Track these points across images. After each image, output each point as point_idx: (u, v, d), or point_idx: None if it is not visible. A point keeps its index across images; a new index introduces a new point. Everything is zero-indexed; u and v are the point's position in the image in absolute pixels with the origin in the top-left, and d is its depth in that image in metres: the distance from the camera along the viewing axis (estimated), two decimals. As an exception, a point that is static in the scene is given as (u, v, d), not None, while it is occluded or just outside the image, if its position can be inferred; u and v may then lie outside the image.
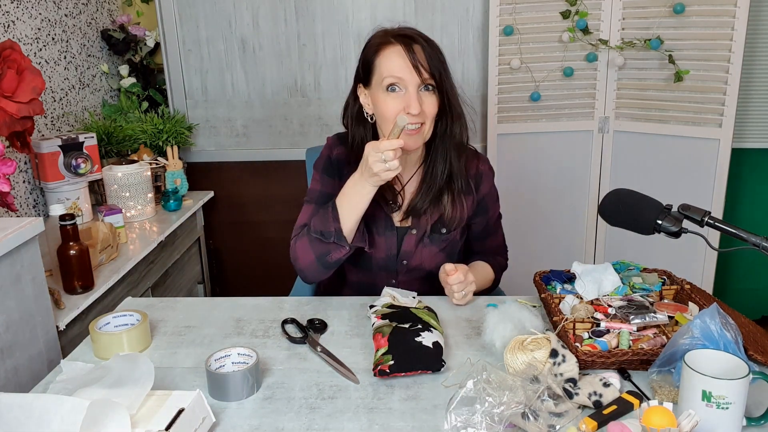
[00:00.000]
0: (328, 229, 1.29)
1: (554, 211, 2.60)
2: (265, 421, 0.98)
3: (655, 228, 1.08)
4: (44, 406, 0.82)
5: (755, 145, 2.70)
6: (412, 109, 1.26)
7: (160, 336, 1.27)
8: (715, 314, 0.99)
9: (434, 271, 1.43)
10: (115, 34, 2.60)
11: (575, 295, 1.25)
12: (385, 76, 1.28)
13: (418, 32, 1.32)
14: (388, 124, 1.29)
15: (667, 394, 0.99)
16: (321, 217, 1.31)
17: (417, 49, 1.28)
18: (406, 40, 1.29)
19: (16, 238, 1.30)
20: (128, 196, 2.16)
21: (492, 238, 1.56)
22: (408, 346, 1.09)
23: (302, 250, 1.33)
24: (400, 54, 1.27)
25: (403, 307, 1.23)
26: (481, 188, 1.46)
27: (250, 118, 2.74)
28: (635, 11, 2.33)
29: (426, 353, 1.09)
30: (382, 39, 1.31)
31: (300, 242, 1.34)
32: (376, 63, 1.31)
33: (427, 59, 1.28)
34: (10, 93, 1.48)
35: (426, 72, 1.27)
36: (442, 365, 1.09)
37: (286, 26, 2.61)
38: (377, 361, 1.09)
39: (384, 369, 1.07)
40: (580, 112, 2.49)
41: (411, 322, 1.17)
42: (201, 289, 2.59)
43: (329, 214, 1.29)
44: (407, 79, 1.27)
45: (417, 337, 1.11)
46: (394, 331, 1.14)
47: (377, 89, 1.31)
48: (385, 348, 1.10)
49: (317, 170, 1.44)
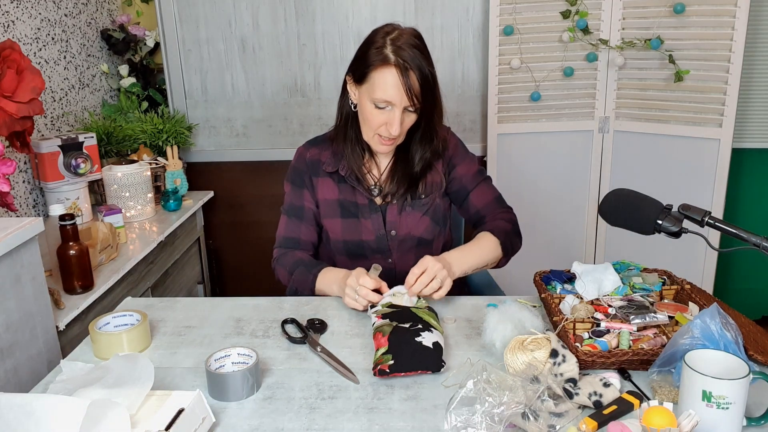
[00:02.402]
0: (302, 288, 1.45)
1: (554, 211, 2.60)
2: (265, 421, 0.98)
3: (656, 228, 1.08)
4: (44, 406, 0.82)
5: (755, 145, 2.70)
6: (393, 131, 1.35)
7: (160, 336, 1.27)
8: (716, 314, 0.99)
9: (425, 237, 1.50)
10: (115, 34, 2.60)
11: (575, 295, 1.25)
12: (377, 96, 1.33)
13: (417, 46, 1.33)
14: (369, 128, 1.40)
15: (667, 394, 0.99)
16: (303, 278, 1.45)
17: (412, 76, 1.31)
18: (403, 64, 1.31)
19: (15, 238, 1.30)
20: (128, 196, 2.16)
21: (478, 193, 1.53)
22: (408, 346, 1.10)
23: (281, 275, 1.52)
24: (395, 78, 1.31)
25: (403, 307, 1.23)
26: (448, 151, 1.52)
27: (250, 118, 2.74)
28: (635, 11, 2.33)
29: (426, 353, 1.09)
30: (380, 56, 1.32)
31: (280, 269, 1.51)
32: (371, 75, 1.34)
33: (421, 86, 1.33)
34: (10, 93, 1.48)
35: (417, 99, 1.33)
36: (442, 365, 1.09)
37: (286, 26, 2.61)
38: (377, 361, 1.09)
39: (384, 369, 1.07)
40: (580, 112, 2.49)
41: (411, 321, 1.17)
42: (201, 289, 2.59)
43: (309, 280, 1.43)
44: (396, 102, 1.33)
45: (417, 337, 1.11)
46: (394, 330, 1.14)
47: (366, 96, 1.36)
48: (385, 348, 1.10)
49: (287, 182, 1.56)
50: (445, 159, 1.52)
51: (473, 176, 1.54)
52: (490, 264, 1.46)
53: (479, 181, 1.54)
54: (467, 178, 1.53)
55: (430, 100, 1.36)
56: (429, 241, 1.52)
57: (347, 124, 1.47)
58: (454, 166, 1.53)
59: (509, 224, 1.51)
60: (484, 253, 1.43)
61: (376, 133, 1.38)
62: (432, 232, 1.52)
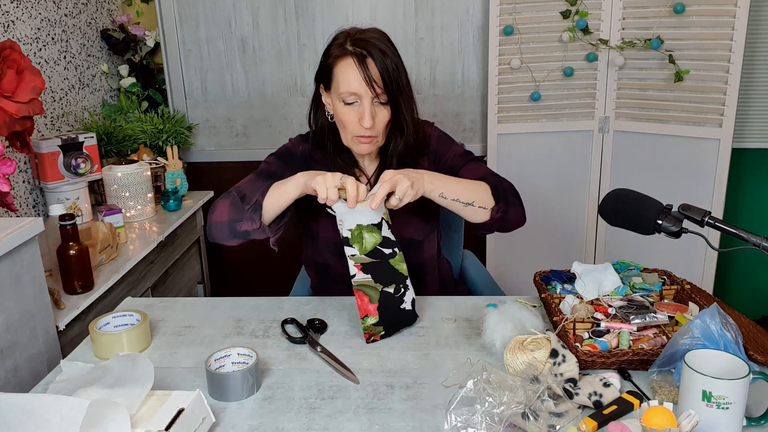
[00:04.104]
0: (250, 197, 1.29)
1: (554, 211, 2.59)
2: (265, 421, 0.98)
3: (656, 228, 1.08)
4: (44, 406, 0.82)
5: (755, 145, 2.70)
6: (364, 123, 1.32)
7: (160, 336, 1.27)
8: (715, 314, 0.99)
9: (415, 238, 1.48)
10: (114, 34, 2.60)
11: (575, 295, 1.25)
12: (342, 90, 1.32)
13: (377, 38, 1.32)
14: (345, 131, 1.38)
15: (667, 394, 0.99)
16: (252, 185, 1.34)
17: (370, 64, 1.29)
18: (360, 52, 1.30)
19: (15, 238, 1.30)
20: (128, 196, 2.16)
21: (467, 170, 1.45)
22: (396, 315, 1.24)
23: (221, 207, 1.33)
24: (354, 68, 1.30)
25: (381, 257, 1.23)
26: (432, 145, 1.49)
27: (250, 118, 2.74)
28: (635, 11, 2.33)
29: (407, 315, 1.26)
30: (339, 50, 1.32)
31: (222, 200, 1.35)
32: (334, 73, 1.34)
33: (381, 72, 1.30)
34: (10, 93, 1.48)
35: (379, 87, 1.30)
36: (416, 318, 1.28)
37: (286, 26, 2.61)
38: (369, 331, 1.21)
39: (376, 339, 1.22)
40: (580, 112, 2.49)
41: (394, 282, 1.24)
42: (201, 289, 2.59)
43: (261, 187, 1.30)
44: (362, 94, 1.31)
45: (402, 304, 1.24)
46: (382, 298, 1.22)
47: (335, 98, 1.36)
48: (375, 318, 1.21)
49: (273, 156, 1.47)
50: (430, 154, 1.49)
51: (460, 156, 1.49)
52: (478, 205, 1.32)
53: (468, 160, 1.49)
54: (454, 160, 1.48)
55: (394, 88, 1.32)
56: (419, 241, 1.48)
57: (324, 135, 1.44)
58: (440, 157, 1.49)
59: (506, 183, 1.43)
60: (470, 186, 1.33)
61: (354, 135, 1.36)
62: (422, 231, 1.49)
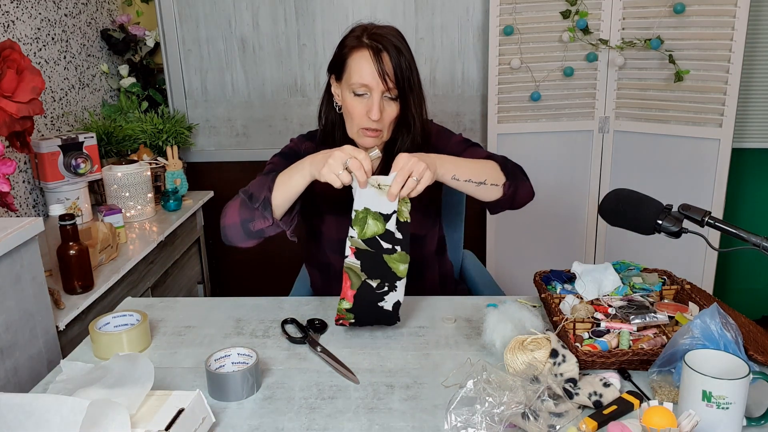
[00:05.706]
0: (258, 195, 1.29)
1: (554, 211, 2.59)
2: (265, 421, 0.98)
3: (656, 228, 1.08)
4: (44, 406, 0.82)
5: (755, 145, 2.70)
6: (372, 115, 1.33)
7: (160, 336, 1.27)
8: (715, 314, 0.99)
9: (417, 233, 1.47)
10: (114, 34, 2.60)
11: (575, 295, 1.25)
12: (354, 81, 1.33)
13: (393, 35, 1.34)
14: (352, 123, 1.38)
15: (667, 394, 0.99)
16: (259, 183, 1.32)
17: (385, 58, 1.31)
18: (376, 46, 1.32)
19: (15, 238, 1.30)
20: (128, 196, 2.16)
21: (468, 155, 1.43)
22: (370, 309, 1.22)
23: (231, 210, 1.33)
24: (369, 60, 1.32)
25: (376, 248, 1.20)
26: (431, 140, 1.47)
27: (250, 118, 2.74)
28: (635, 11, 2.33)
29: (385, 315, 1.23)
30: (356, 41, 1.35)
31: (233, 203, 1.34)
32: (347, 63, 1.35)
33: (394, 68, 1.32)
34: (10, 93, 1.47)
35: (391, 82, 1.32)
36: (397, 321, 1.24)
37: (286, 26, 2.62)
38: (340, 314, 1.22)
39: (345, 324, 1.24)
40: (580, 112, 2.49)
41: (380, 278, 1.21)
42: (201, 289, 2.59)
43: (267, 182, 1.29)
44: (373, 86, 1.33)
45: (380, 302, 1.22)
46: (361, 289, 1.20)
47: (346, 88, 1.37)
48: (349, 305, 1.21)
49: (277, 156, 1.47)
50: (431, 150, 1.46)
51: (460, 144, 1.49)
52: (491, 183, 1.32)
53: (468, 146, 1.49)
54: (455, 148, 1.47)
55: (406, 85, 1.34)
56: (421, 236, 1.50)
57: (334, 128, 1.46)
58: (440, 150, 1.45)
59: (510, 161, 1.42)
60: (480, 166, 1.33)
61: (360, 127, 1.37)
62: (424, 227, 1.50)
